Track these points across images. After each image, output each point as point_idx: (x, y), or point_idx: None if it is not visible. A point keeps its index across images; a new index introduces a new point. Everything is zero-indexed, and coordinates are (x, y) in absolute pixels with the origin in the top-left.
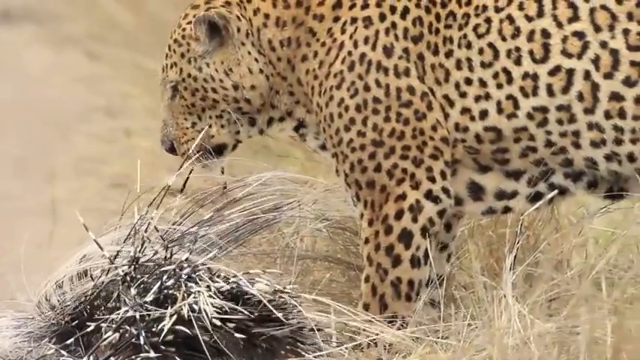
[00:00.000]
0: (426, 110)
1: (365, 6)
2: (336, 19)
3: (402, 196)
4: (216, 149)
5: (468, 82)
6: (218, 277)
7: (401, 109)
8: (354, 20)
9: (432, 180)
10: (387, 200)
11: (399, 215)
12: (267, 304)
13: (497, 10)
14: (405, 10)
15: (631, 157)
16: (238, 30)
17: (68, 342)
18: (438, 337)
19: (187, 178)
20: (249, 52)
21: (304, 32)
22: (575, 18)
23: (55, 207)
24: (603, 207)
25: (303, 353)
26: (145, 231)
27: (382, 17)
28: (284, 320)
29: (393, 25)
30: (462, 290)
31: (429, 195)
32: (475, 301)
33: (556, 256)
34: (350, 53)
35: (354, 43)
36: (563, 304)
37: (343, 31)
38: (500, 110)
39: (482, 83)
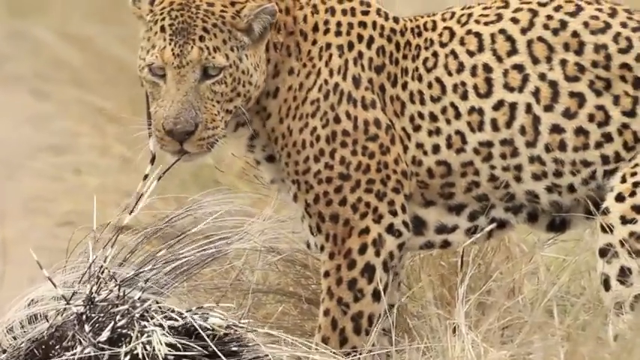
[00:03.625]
0: (390, 144)
1: (338, 33)
2: (314, 43)
3: (366, 230)
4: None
5: (421, 116)
6: (172, 312)
7: (367, 143)
8: (328, 46)
9: (394, 214)
10: (350, 234)
11: (362, 249)
12: (222, 338)
13: (442, 44)
14: (371, 39)
15: (571, 188)
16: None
17: None
18: None
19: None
20: (264, 50)
21: (294, 44)
22: (513, 51)
23: (6, 247)
24: (552, 237)
25: None
26: (100, 270)
27: (350, 46)
28: (239, 354)
29: (360, 54)
30: (415, 320)
31: (390, 229)
32: (429, 331)
33: (508, 284)
34: (326, 82)
35: (329, 72)
36: (516, 332)
37: (320, 57)
38: (449, 145)
39: (433, 117)
